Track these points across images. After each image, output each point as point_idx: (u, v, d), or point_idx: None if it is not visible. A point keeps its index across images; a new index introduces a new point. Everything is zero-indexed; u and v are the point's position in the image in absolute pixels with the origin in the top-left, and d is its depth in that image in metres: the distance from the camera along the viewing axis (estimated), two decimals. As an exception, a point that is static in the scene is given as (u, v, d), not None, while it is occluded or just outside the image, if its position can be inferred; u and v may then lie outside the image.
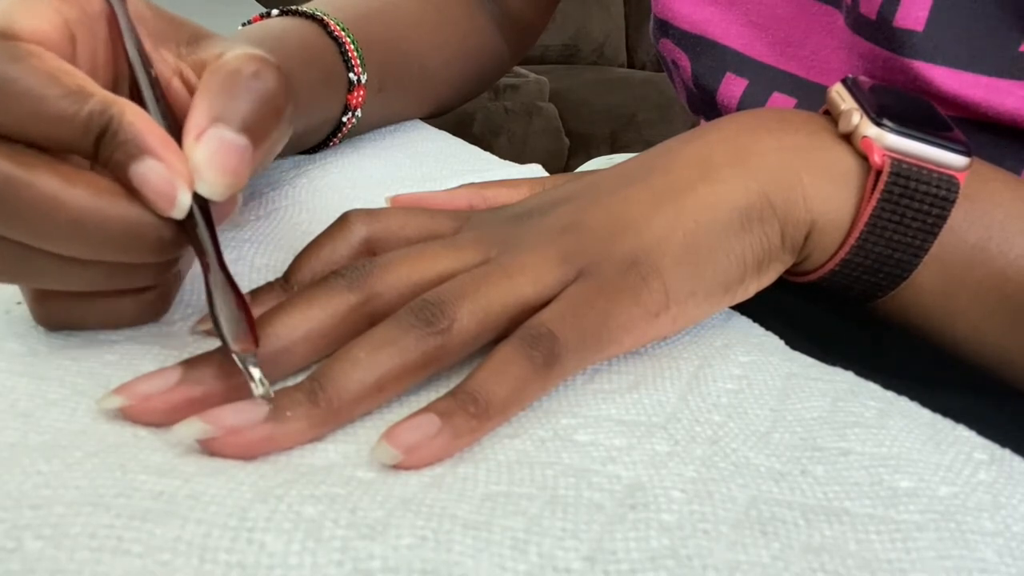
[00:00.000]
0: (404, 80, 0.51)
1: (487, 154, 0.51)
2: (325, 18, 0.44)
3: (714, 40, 0.48)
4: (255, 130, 0.26)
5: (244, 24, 0.44)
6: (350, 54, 0.44)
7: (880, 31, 0.38)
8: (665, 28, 0.51)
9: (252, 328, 0.24)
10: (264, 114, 0.27)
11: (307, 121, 0.42)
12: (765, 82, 0.46)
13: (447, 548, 0.20)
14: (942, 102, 0.38)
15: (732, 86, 0.47)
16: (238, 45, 0.29)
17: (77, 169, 0.24)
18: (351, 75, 0.44)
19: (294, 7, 0.46)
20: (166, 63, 0.29)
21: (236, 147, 0.25)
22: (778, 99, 0.45)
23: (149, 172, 0.24)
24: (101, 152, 0.24)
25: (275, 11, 0.45)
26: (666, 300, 0.28)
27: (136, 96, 0.27)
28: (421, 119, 0.55)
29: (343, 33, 0.44)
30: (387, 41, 0.49)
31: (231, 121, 0.26)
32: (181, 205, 0.24)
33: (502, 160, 0.50)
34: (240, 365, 0.24)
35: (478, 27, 0.57)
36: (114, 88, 0.29)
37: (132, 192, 0.24)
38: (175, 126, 0.26)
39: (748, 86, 0.46)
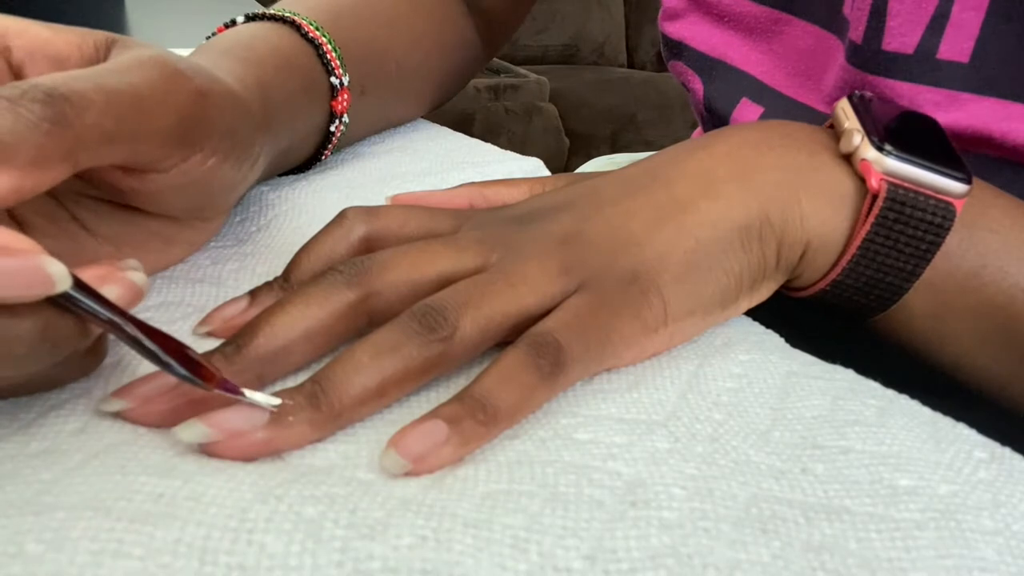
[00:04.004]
0: (384, 80, 0.47)
1: (487, 145, 0.50)
2: (297, 19, 0.41)
3: (733, 65, 0.47)
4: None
5: (208, 37, 0.40)
6: (329, 56, 0.41)
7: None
8: (679, 50, 0.50)
9: (200, 364, 0.23)
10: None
11: (291, 136, 0.39)
12: (781, 112, 0.45)
13: (447, 548, 0.20)
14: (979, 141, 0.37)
15: (748, 112, 0.47)
16: (141, 50, 0.27)
17: None
18: (332, 79, 0.41)
19: (261, 11, 0.41)
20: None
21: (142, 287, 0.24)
22: None
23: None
24: None
25: (240, 17, 0.41)
26: (665, 317, 0.28)
27: None
28: (405, 120, 0.53)
29: (319, 34, 0.41)
30: (363, 40, 0.45)
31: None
32: (59, 278, 0.20)
33: (503, 151, 0.49)
34: (239, 398, 0.23)
35: (453, 20, 0.54)
36: None
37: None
38: None
39: (764, 114, 0.46)
